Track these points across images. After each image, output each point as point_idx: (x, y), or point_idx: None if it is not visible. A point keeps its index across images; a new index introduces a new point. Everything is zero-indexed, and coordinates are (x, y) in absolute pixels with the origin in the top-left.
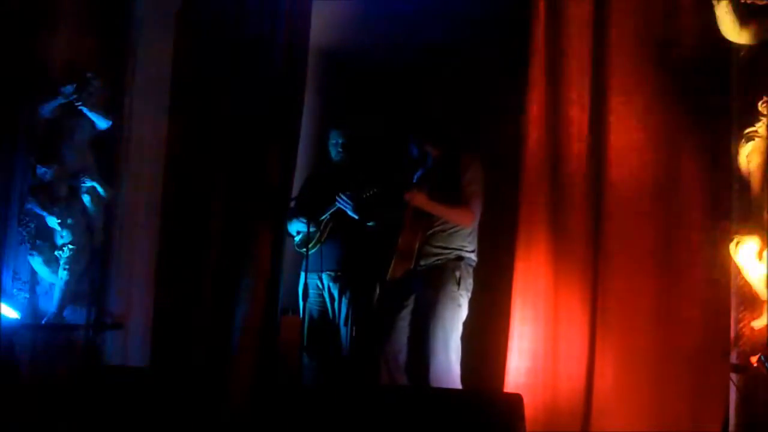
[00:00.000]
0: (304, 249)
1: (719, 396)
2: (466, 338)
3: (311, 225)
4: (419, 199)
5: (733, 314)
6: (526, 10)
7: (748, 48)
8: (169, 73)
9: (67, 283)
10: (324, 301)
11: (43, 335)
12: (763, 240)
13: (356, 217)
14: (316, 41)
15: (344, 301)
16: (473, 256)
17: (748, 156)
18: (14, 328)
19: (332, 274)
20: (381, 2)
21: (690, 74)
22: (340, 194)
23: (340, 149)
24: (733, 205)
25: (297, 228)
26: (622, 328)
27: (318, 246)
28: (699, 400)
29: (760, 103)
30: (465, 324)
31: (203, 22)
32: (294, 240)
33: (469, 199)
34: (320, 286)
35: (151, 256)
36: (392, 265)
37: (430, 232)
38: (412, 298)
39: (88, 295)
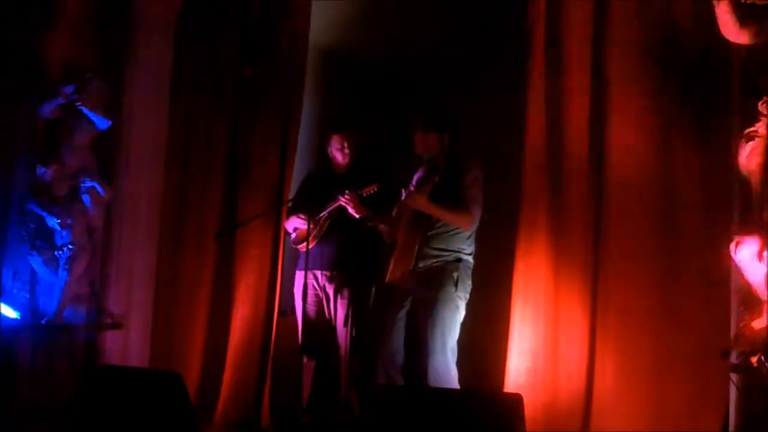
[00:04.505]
0: (301, 245)
1: (719, 396)
2: (466, 338)
3: (309, 222)
4: (419, 202)
5: (733, 314)
6: (526, 10)
7: (748, 48)
8: (169, 73)
9: (67, 283)
10: (321, 301)
11: (43, 335)
12: (763, 240)
13: (357, 216)
14: (316, 41)
15: (340, 301)
16: (471, 259)
17: (748, 156)
18: (14, 328)
19: (328, 273)
20: (381, 2)
21: (690, 74)
22: (344, 192)
23: (347, 151)
24: (733, 205)
25: (294, 225)
26: (622, 328)
27: (315, 243)
28: (699, 400)
29: (760, 103)
30: (465, 324)
31: (203, 22)
32: (291, 236)
33: (468, 202)
34: (316, 285)
35: (151, 256)
36: (391, 267)
37: (429, 234)
38: (410, 299)
39: (88, 295)
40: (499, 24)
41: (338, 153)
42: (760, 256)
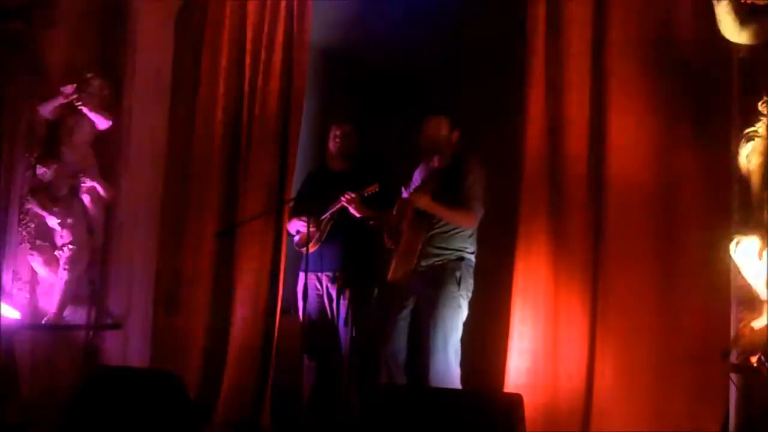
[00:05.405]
0: (304, 248)
1: (719, 396)
2: (466, 338)
3: (311, 224)
4: (423, 201)
5: (733, 314)
6: (525, 10)
7: (748, 48)
8: (169, 73)
9: (67, 283)
10: (323, 302)
11: (43, 335)
12: (763, 240)
13: (358, 215)
14: (316, 41)
15: (342, 301)
16: (473, 258)
17: (748, 156)
18: (14, 328)
19: (331, 274)
20: (380, 2)
21: (690, 74)
22: (344, 193)
23: (338, 141)
24: (733, 205)
25: (297, 227)
26: (622, 328)
27: (318, 246)
28: (699, 400)
29: (760, 103)
30: (465, 324)
31: (203, 22)
32: (294, 239)
33: (470, 202)
34: (319, 286)
35: (151, 256)
36: (393, 266)
37: (431, 233)
38: (412, 298)
39: (88, 295)
40: (500, 24)
41: (331, 142)
42: (760, 256)
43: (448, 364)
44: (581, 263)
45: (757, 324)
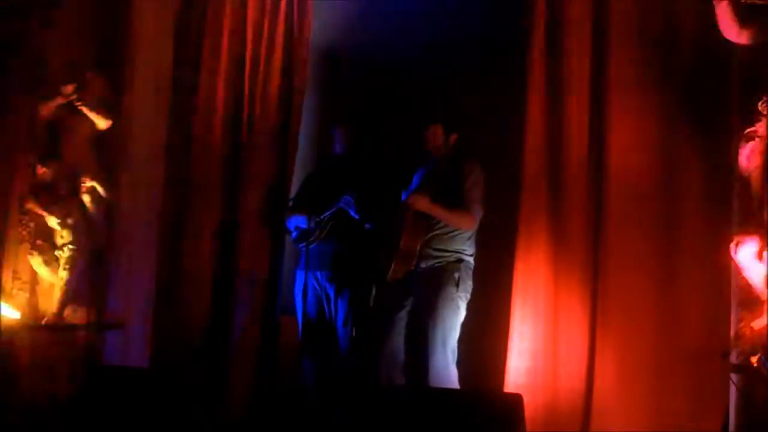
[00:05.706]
0: (302, 245)
1: (719, 396)
2: (466, 338)
3: (311, 221)
4: (422, 203)
5: (733, 314)
6: (525, 10)
7: (748, 48)
8: (169, 73)
9: (67, 283)
10: (321, 302)
11: (43, 335)
12: (763, 240)
13: (358, 218)
14: (316, 41)
15: (340, 302)
16: (472, 260)
17: (748, 156)
18: (14, 328)
19: (329, 274)
20: (380, 2)
21: (690, 74)
22: (344, 195)
23: (341, 143)
24: (733, 205)
25: (296, 223)
26: (622, 328)
27: (316, 244)
28: (699, 400)
29: (760, 103)
30: (465, 324)
31: (203, 22)
32: (292, 236)
33: (470, 203)
34: (317, 287)
35: (151, 256)
36: (392, 267)
37: (430, 234)
38: (411, 299)
39: (88, 295)
40: (500, 24)
41: (331, 142)
42: (760, 256)
43: (447, 365)
44: (581, 263)
45: (757, 324)
